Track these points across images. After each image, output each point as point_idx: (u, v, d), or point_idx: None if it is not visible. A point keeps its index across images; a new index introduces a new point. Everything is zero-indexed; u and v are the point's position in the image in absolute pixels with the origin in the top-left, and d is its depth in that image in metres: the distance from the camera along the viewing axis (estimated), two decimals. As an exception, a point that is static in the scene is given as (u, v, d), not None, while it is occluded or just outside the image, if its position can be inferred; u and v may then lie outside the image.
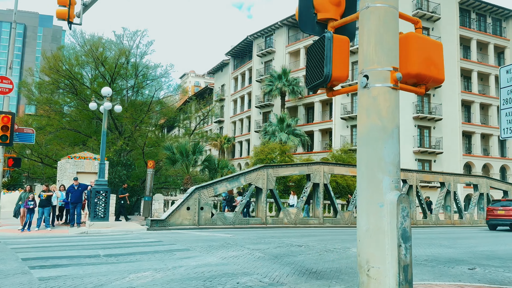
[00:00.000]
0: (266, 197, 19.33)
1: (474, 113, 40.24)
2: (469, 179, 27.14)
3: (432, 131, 37.29)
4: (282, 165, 20.08)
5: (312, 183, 20.67)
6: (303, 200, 20.47)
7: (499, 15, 42.76)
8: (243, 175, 18.88)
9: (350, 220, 21.57)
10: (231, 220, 18.39)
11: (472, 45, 40.83)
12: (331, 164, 21.43)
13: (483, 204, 27.28)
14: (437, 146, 36.86)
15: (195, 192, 17.70)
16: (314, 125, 41.92)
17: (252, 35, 51.52)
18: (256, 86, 50.71)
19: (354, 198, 22.06)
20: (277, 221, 19.52)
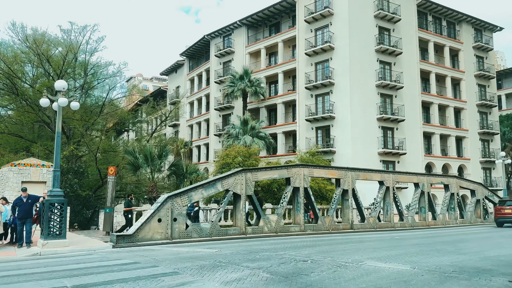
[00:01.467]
0: (245, 205, 17.49)
1: (433, 114, 40.98)
2: (441, 179, 27.01)
3: (395, 132, 37.34)
4: (261, 168, 18.37)
5: (292, 187, 19.13)
6: (283, 206, 18.86)
7: (453, 19, 44.12)
8: (219, 181, 16.92)
9: (331, 226, 20.27)
10: (207, 231, 16.35)
11: (429, 47, 41.67)
12: (311, 167, 20.04)
13: (454, 205, 27.25)
14: (401, 147, 36.95)
15: (167, 202, 15.49)
16: (278, 127, 40.65)
17: (209, 35, 49.48)
18: (214, 88, 48.67)
19: (334, 202, 20.82)
20: (257, 230, 17.73)
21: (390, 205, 23.27)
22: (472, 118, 43.80)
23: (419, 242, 15.22)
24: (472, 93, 44.23)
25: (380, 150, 35.77)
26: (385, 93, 37.18)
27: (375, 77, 36.62)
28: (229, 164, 29.11)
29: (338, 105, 35.44)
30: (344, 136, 34.68)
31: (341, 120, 35.12)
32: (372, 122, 36.02)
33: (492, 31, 46.84)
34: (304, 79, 37.91)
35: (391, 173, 23.74)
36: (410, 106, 38.40)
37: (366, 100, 35.83)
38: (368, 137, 35.46)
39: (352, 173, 21.60)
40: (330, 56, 36.56)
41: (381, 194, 22.94)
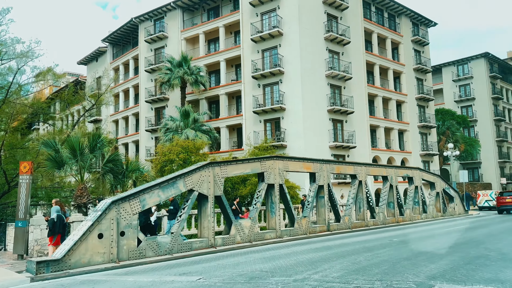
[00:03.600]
0: (213, 208, 13.56)
1: (378, 107, 40.18)
2: (406, 172, 25.38)
3: (344, 125, 35.62)
4: (231, 161, 14.54)
5: (266, 184, 15.60)
6: (257, 208, 15.24)
7: (393, 11, 43.92)
8: (181, 178, 12.80)
9: (308, 229, 17.12)
10: (167, 247, 12.17)
11: (373, 39, 40.83)
12: (286, 159, 16.67)
13: (418, 198, 25.81)
14: (350, 140, 35.32)
15: (112, 209, 11.09)
16: (221, 121, 36.81)
17: (138, 18, 43.95)
18: (144, 77, 43.31)
19: (309, 200, 17.69)
20: (228, 240, 13.90)
21: (362, 201, 20.83)
22: (412, 111, 44.02)
23: (449, 245, 12.62)
24: (412, 87, 44.47)
25: (331, 143, 33.74)
26: (335, 84, 35.28)
27: (325, 67, 34.52)
28: (172, 161, 24.79)
29: (289, 96, 32.67)
30: (296, 128, 32.00)
31: (292, 112, 32.39)
32: (323, 114, 33.85)
33: (427, 26, 47.75)
34: (251, 67, 34.56)
35: (364, 165, 21.32)
36: (357, 98, 37.00)
37: (317, 90, 33.54)
38: (320, 130, 33.22)
39: (328, 166, 18.69)
40: (278, 43, 33.64)
41: (354, 189, 20.39)
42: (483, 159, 58.52)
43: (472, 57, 60.54)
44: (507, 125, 63.38)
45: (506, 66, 64.80)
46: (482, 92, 59.49)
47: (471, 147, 52.26)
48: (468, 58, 60.98)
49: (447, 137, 49.76)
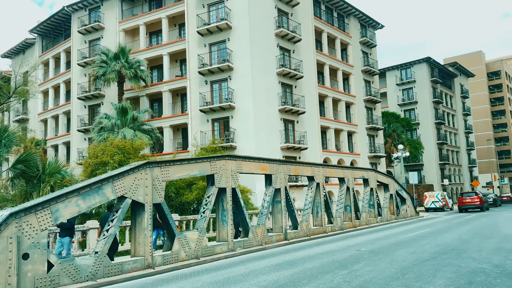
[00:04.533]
0: (151, 219, 10.96)
1: (328, 108, 39.24)
2: (362, 173, 24.13)
3: (296, 125, 34.12)
4: (175, 161, 11.98)
5: (217, 188, 13.24)
6: (206, 216, 12.81)
7: (342, 11, 43.42)
8: (109, 182, 10.09)
9: (264, 239, 14.97)
10: (89, 270, 9.41)
11: (323, 38, 39.91)
12: (239, 159, 14.40)
13: (373, 201, 24.69)
14: (302, 141, 33.87)
15: (10, 224, 8.22)
16: (164, 120, 33.78)
17: (70, 6, 39.68)
18: (78, 72, 39.10)
19: (264, 206, 15.55)
20: (170, 258, 11.35)
21: (320, 205, 19.10)
22: (361, 113, 43.71)
23: (429, 254, 10.95)
24: (360, 88, 44.21)
25: (283, 144, 32.03)
26: (286, 83, 33.69)
27: (276, 64, 32.83)
28: (106, 163, 21.66)
29: (239, 93, 30.51)
30: (246, 128, 29.89)
31: (243, 111, 30.26)
32: (274, 114, 32.08)
33: (374, 28, 47.93)
34: (197, 62, 31.99)
35: (321, 166, 19.61)
36: (308, 99, 35.72)
37: (268, 88, 31.71)
38: (271, 130, 31.39)
39: (285, 168, 16.69)
40: (227, 37, 31.40)
41: (311, 192, 18.59)
42: (425, 161, 60.25)
43: (415, 61, 62.29)
44: (446, 128, 65.96)
45: (445, 72, 67.55)
46: (424, 96, 61.33)
47: (415, 149, 53.33)
48: (411, 63, 62.70)
49: (393, 139, 50.27)
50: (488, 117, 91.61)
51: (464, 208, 34.78)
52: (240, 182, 23.65)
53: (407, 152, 33.37)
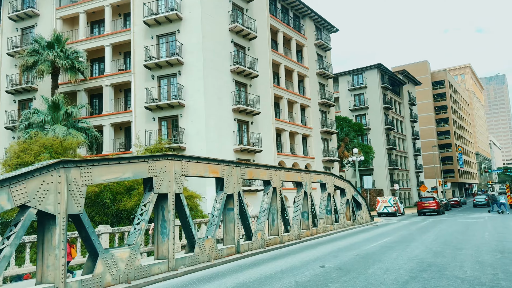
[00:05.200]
0: (64, 234, 8.47)
1: (283, 109, 37.81)
2: (319, 177, 22.62)
3: (250, 127, 32.28)
4: (100, 160, 9.53)
5: (156, 194, 10.94)
6: (141, 229, 10.46)
7: (298, 11, 42.33)
8: (4, 187, 7.52)
9: (213, 253, 12.82)
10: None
11: (279, 38, 38.50)
12: (186, 159, 12.16)
13: (331, 207, 23.27)
14: (256, 143, 32.07)
15: None
16: (104, 117, 30.61)
17: (-1, -11, 35.37)
18: (7, 62, 34.80)
19: (214, 214, 13.41)
20: (91, 283, 8.90)
21: (277, 213, 17.26)
22: (315, 116, 42.76)
23: (388, 274, 9.28)
24: (315, 91, 43.29)
25: (236, 146, 30.03)
26: (240, 81, 31.77)
27: (230, 61, 30.83)
28: (28, 164, 18.44)
29: (189, 90, 28.14)
30: (197, 128, 27.56)
31: (193, 109, 27.91)
32: (228, 114, 30.02)
33: (329, 31, 47.38)
34: (143, 55, 29.24)
35: (278, 169, 17.79)
36: (263, 99, 34.05)
37: (221, 86, 29.61)
38: (224, 131, 29.29)
39: (239, 170, 14.66)
40: (177, 28, 28.94)
41: (267, 197, 16.68)
42: (376, 166, 60.75)
43: (366, 67, 62.88)
44: (395, 134, 67.19)
45: (395, 79, 68.96)
46: (374, 101, 61.99)
47: (366, 154, 53.39)
48: (363, 69, 63.25)
49: (345, 143, 49.93)
50: (432, 124, 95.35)
51: (422, 212, 36.96)
52: (188, 185, 21.41)
53: (362, 156, 32.65)
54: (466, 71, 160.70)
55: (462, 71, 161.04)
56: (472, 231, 18.93)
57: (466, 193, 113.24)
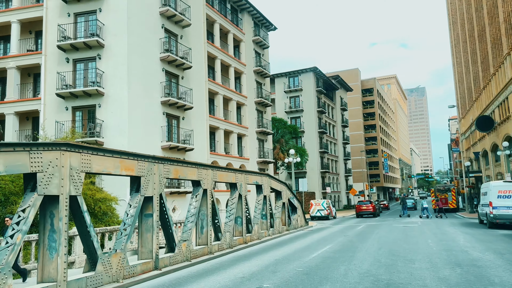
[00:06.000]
0: None
1: (218, 106, 35.48)
2: (255, 178, 20.58)
3: (181, 122, 29.52)
4: None
5: (42, 195, 8.08)
6: (16, 244, 7.53)
7: (236, 4, 40.31)
8: None
9: (122, 272, 10.13)
10: None
11: (215, 29, 36.17)
12: (88, 151, 9.34)
13: (266, 211, 21.38)
14: (187, 141, 29.40)
15: None
16: (7, 105, 26.05)
17: None
18: None
19: (127, 222, 10.72)
20: None
21: (206, 218, 14.90)
22: (251, 115, 40.99)
23: None
24: (252, 89, 41.54)
25: (165, 143, 27.14)
26: (172, 72, 28.92)
27: (160, 48, 27.88)
28: None
29: (110, 77, 24.76)
30: (118, 121, 24.27)
31: (114, 99, 24.57)
32: (156, 106, 27.03)
33: (268, 29, 45.97)
34: (57, 35, 25.27)
35: (210, 168, 15.42)
36: (197, 93, 31.48)
37: (149, 75, 26.56)
38: (151, 126, 26.27)
39: (161, 168, 12.10)
40: (98, 6, 25.39)
41: (196, 201, 14.26)
42: (308, 169, 60.62)
43: (302, 70, 62.70)
44: (328, 138, 67.86)
45: (328, 83, 69.73)
46: (309, 105, 61.95)
47: (301, 156, 52.78)
48: (299, 71, 63.00)
49: (281, 145, 48.83)
50: (361, 130, 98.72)
51: (360, 214, 40.18)
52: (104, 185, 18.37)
53: (298, 158, 31.41)
54: (392, 81, 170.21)
55: (388, 81, 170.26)
56: (412, 238, 18.06)
57: (390, 197, 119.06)
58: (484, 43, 48.87)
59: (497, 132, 45.07)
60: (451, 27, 77.79)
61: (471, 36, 57.04)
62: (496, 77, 43.69)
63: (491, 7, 42.62)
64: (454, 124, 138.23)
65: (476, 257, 11.77)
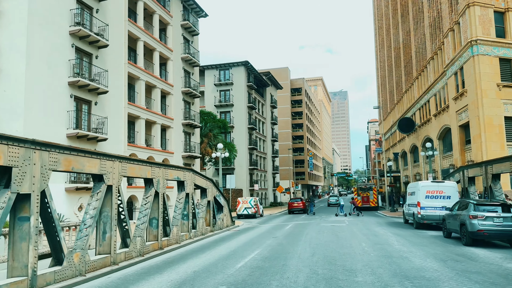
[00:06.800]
0: None
1: (140, 93, 32.10)
2: (177, 173, 17.99)
3: (93, 108, 25.87)
4: None
5: None
6: None
7: (165, -15, 37.04)
8: None
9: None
10: None
11: (139, 8, 32.69)
12: None
13: (188, 210, 18.93)
14: (101, 129, 25.85)
15: None
16: None
17: None
18: None
19: None
20: None
21: (110, 222, 12.14)
22: (178, 106, 38.04)
23: None
24: (179, 78, 38.56)
25: (72, 131, 23.44)
26: (83, 49, 25.16)
27: (70, 21, 24.03)
28: None
29: (4, 49, 20.55)
30: (12, 103, 20.23)
31: (8, 75, 20.47)
32: (62, 87, 23.19)
33: (198, 15, 43.19)
34: None
35: (118, 159, 12.64)
36: (114, 76, 27.97)
37: (54, 50, 22.66)
38: (55, 110, 22.45)
39: (45, 157, 9.18)
40: (-9, -38, 20.99)
41: (97, 200, 11.46)
42: (237, 166, 58.91)
43: (234, 63, 60.75)
44: (257, 135, 66.73)
45: (259, 79, 68.60)
46: (240, 99, 60.21)
47: (230, 152, 50.83)
48: (230, 64, 60.95)
49: (209, 139, 46.39)
50: (289, 128, 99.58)
51: (292, 211, 43.27)
52: None
53: (226, 153, 29.33)
54: (319, 83, 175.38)
55: (315, 82, 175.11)
56: (345, 240, 16.83)
57: (313, 194, 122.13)
58: (408, 48, 50.79)
59: (417, 134, 46.99)
60: (377, 32, 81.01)
61: (396, 41, 59.33)
62: (418, 81, 45.42)
63: (417, 12, 44.10)
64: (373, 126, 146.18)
65: (420, 265, 10.56)
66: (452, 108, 32.66)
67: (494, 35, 27.86)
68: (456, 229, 15.81)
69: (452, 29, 32.04)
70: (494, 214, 14.18)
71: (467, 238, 14.55)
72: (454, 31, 31.61)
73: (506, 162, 16.36)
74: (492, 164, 17.69)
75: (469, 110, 28.96)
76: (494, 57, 27.57)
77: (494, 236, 14.15)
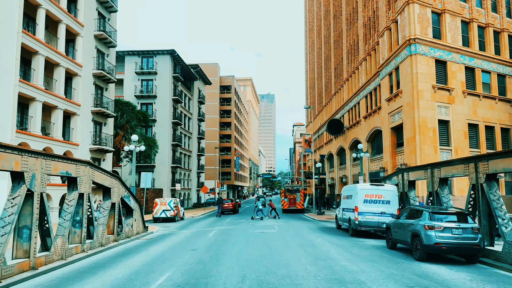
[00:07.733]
0: None
1: (37, 70, 26.54)
2: (66, 167, 13.64)
3: (-33, 82, 20.18)
4: None
5: None
6: None
7: None
8: None
9: None
10: None
11: (42, -32, 27.08)
12: None
13: (83, 215, 14.64)
14: (-24, 109, 20.24)
15: None
16: None
17: None
18: None
19: None
20: None
21: None
22: (87, 91, 32.71)
23: None
24: (90, 58, 33.24)
25: None
26: (-46, 4, 19.44)
27: None
28: None
29: None
30: None
31: None
32: None
33: (118, -10, 38.02)
34: None
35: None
36: (2, 46, 22.40)
37: None
38: None
39: None
40: None
41: None
42: (158, 163, 54.07)
43: (158, 51, 55.84)
44: (182, 130, 62.32)
45: (187, 72, 64.26)
46: (164, 91, 55.46)
47: (150, 147, 46.04)
48: (155, 52, 55.95)
49: (125, 132, 41.29)
50: (217, 127, 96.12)
51: (222, 211, 42.86)
52: None
53: (142, 146, 25.12)
54: (248, 83, 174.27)
55: (244, 82, 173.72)
56: (279, 254, 13.87)
57: (238, 195, 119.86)
58: (339, 49, 50.15)
59: (345, 136, 46.31)
60: (307, 34, 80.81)
61: (327, 42, 58.81)
62: (349, 83, 44.69)
63: (351, 13, 43.28)
64: (299, 129, 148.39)
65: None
66: (384, 109, 31.74)
67: (431, 35, 27.15)
68: (406, 240, 13.64)
69: (389, 28, 31.10)
70: (452, 225, 12.14)
71: (421, 252, 12.38)
72: (391, 30, 30.67)
73: (459, 165, 14.61)
74: (440, 167, 15.98)
75: (403, 111, 28.00)
76: (431, 58, 26.82)
77: (451, 250, 12.09)
